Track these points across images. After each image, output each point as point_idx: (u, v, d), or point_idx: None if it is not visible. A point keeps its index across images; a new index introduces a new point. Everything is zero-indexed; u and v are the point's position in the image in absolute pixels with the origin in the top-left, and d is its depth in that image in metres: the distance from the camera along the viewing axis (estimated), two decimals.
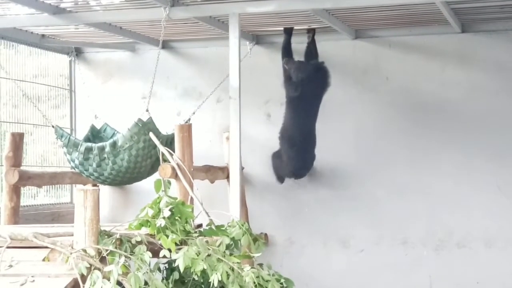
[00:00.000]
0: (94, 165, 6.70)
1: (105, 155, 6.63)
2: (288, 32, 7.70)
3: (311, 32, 7.72)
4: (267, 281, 4.97)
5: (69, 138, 6.80)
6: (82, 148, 6.71)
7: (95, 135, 7.45)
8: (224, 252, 5.03)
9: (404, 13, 7.15)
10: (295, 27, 7.70)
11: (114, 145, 6.61)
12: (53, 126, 6.88)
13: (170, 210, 4.97)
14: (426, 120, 7.77)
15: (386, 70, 7.91)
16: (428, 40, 7.79)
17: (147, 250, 4.62)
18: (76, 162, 6.78)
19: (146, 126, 6.54)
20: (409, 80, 7.84)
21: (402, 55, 7.86)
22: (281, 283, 5.12)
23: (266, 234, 8.04)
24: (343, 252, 7.96)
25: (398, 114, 7.85)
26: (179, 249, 4.78)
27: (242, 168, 6.66)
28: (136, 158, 6.63)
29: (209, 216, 5.56)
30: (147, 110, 6.62)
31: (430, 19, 7.38)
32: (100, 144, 6.73)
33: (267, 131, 8.13)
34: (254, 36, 8.17)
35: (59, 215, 7.93)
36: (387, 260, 7.81)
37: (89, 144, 6.78)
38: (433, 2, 6.44)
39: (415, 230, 7.77)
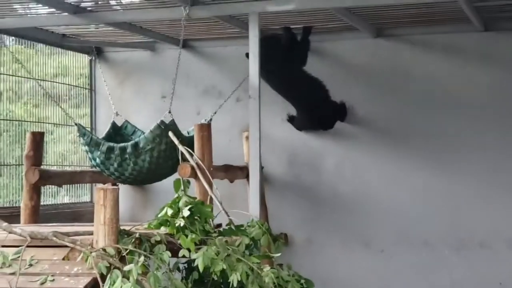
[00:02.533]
0: (115, 164, 6.71)
1: (127, 156, 6.64)
2: (307, 31, 7.66)
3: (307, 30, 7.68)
4: (286, 281, 4.95)
5: (91, 137, 6.82)
6: (104, 148, 6.72)
7: (116, 132, 7.46)
8: (244, 252, 5.02)
9: (426, 11, 7.11)
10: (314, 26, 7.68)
11: (136, 146, 6.61)
12: (76, 124, 6.90)
13: (190, 209, 4.96)
14: (448, 119, 7.72)
15: (408, 68, 7.86)
16: (450, 39, 7.73)
17: (166, 249, 4.62)
18: (98, 161, 6.80)
19: (168, 128, 6.53)
20: (430, 78, 7.79)
21: (423, 53, 7.81)
22: (301, 284, 5.10)
23: (286, 234, 8.01)
24: (363, 252, 7.93)
25: (419, 113, 7.80)
26: (199, 248, 4.77)
27: (261, 168, 6.64)
28: (157, 159, 6.63)
29: (228, 215, 5.55)
30: (169, 112, 6.62)
31: (452, 17, 7.32)
32: (122, 144, 6.73)
33: (286, 131, 8.11)
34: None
35: (79, 214, 7.96)
36: (407, 261, 7.77)
37: (111, 144, 6.78)
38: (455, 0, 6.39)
39: (436, 230, 7.72)
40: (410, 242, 7.79)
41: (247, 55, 7.39)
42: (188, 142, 6.57)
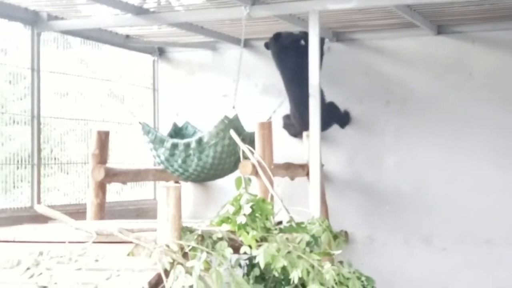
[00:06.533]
0: (180, 161, 6.81)
1: (191, 151, 6.73)
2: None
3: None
4: (347, 278, 4.96)
5: (156, 134, 6.93)
6: (168, 144, 6.82)
7: (177, 132, 7.57)
8: (304, 249, 5.04)
9: (488, 8, 7.02)
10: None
11: (200, 141, 6.70)
12: (140, 123, 7.02)
13: (251, 207, 5.00)
14: (510, 116, 7.60)
15: (469, 66, 7.78)
16: None
17: (228, 246, 4.67)
18: (162, 158, 6.90)
19: (232, 123, 6.60)
20: (493, 76, 7.69)
21: (485, 50, 7.71)
22: (362, 281, 5.10)
23: (346, 232, 8.01)
24: (425, 250, 7.87)
25: (481, 111, 7.71)
26: (260, 245, 4.81)
27: (322, 166, 6.66)
28: (221, 154, 6.71)
29: (289, 213, 5.58)
30: (233, 107, 6.69)
31: None
32: (186, 140, 6.83)
33: (347, 128, 8.10)
34: (335, 33, 8.14)
35: (142, 211, 8.09)
36: (470, 259, 7.68)
37: (175, 140, 6.88)
38: None
39: (498, 228, 7.61)
40: (472, 240, 7.70)
41: (265, 45, 7.39)
42: (249, 138, 6.64)
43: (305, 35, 7.45)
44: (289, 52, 7.59)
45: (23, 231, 5.55)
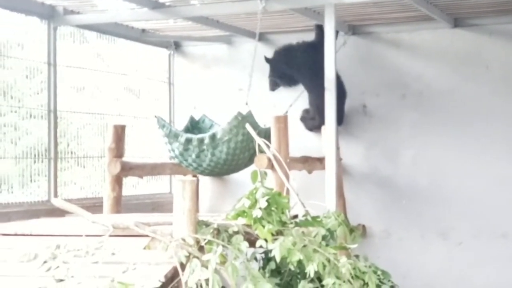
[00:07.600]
0: (193, 156, 6.83)
1: (204, 147, 6.75)
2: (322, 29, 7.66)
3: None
4: (363, 272, 4.96)
5: (170, 129, 6.95)
6: (182, 139, 6.84)
7: (194, 125, 7.59)
8: (320, 243, 5.04)
9: (505, 0, 6.96)
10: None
11: (213, 137, 6.72)
12: (155, 117, 7.05)
13: (267, 200, 5.01)
14: None
15: (486, 59, 7.73)
16: None
17: (243, 240, 4.68)
18: (176, 152, 6.92)
19: (245, 120, 6.59)
20: (510, 69, 7.64)
21: (502, 43, 7.66)
22: (378, 275, 5.10)
23: (364, 226, 8.00)
24: (442, 244, 7.84)
25: (498, 104, 7.67)
26: (275, 239, 4.82)
27: (340, 159, 6.63)
28: (234, 150, 6.71)
29: (304, 206, 5.58)
30: (246, 104, 6.68)
31: None
32: (200, 136, 6.84)
33: (363, 122, 8.08)
34: (351, 27, 8.11)
35: (158, 204, 8.11)
36: (486, 253, 7.65)
37: (189, 135, 6.90)
38: None
39: None
40: (489, 234, 7.67)
41: (266, 59, 7.55)
42: (264, 134, 6.64)
43: (318, 28, 7.47)
44: (300, 49, 7.62)
45: (40, 224, 5.58)
